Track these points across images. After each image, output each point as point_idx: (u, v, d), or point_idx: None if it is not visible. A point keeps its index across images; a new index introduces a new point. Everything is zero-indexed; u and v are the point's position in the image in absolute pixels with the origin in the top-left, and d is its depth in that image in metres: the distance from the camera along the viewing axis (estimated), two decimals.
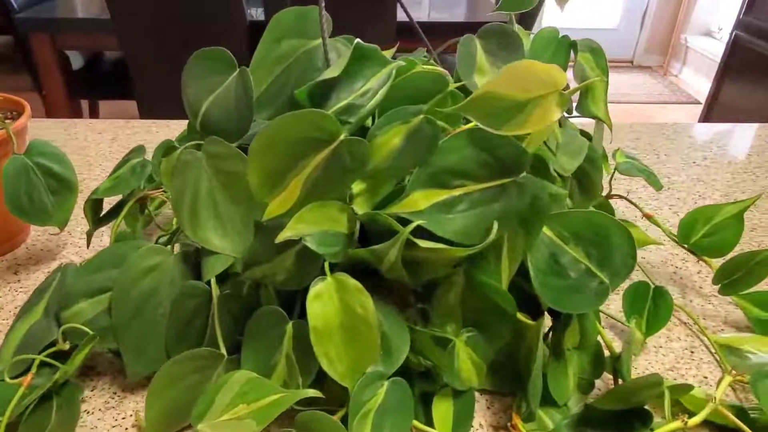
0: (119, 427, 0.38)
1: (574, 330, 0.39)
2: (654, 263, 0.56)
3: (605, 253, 0.37)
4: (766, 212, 0.65)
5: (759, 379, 0.37)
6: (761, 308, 0.47)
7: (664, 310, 0.45)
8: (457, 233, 0.33)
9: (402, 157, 0.33)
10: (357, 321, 0.32)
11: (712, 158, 0.78)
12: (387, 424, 0.32)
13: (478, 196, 0.34)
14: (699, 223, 0.50)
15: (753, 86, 2.45)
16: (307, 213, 0.33)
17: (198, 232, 0.38)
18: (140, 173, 0.45)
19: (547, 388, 0.39)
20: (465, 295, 0.38)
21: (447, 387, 0.38)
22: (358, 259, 0.34)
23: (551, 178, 0.43)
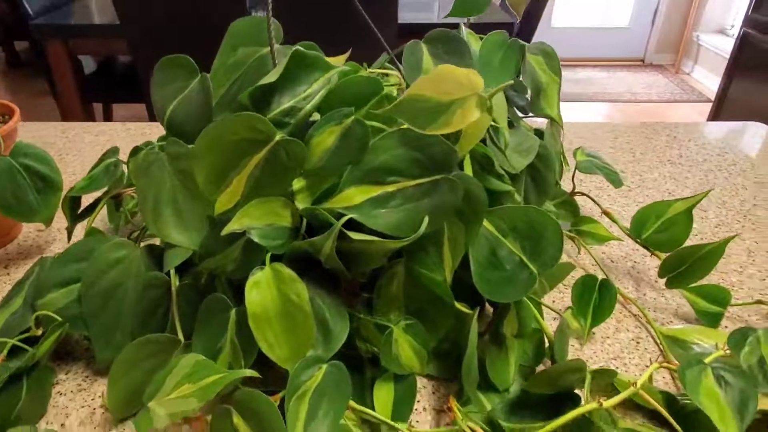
0: (88, 407, 0.41)
1: (512, 319, 0.41)
2: (614, 258, 0.58)
3: (538, 246, 0.39)
4: (732, 209, 0.66)
5: (686, 367, 0.39)
6: (708, 301, 0.49)
7: (608, 301, 0.47)
8: (391, 226, 0.36)
9: (336, 155, 0.35)
10: (293, 308, 0.34)
11: (688, 156, 0.79)
12: (323, 404, 0.35)
13: (411, 192, 0.36)
14: (651, 218, 0.52)
15: (762, 83, 2.43)
16: (251, 208, 0.36)
17: (160, 228, 0.41)
18: (113, 172, 0.48)
19: (492, 375, 0.41)
20: (406, 286, 0.40)
21: (390, 372, 0.40)
22: (300, 251, 0.36)
23: (497, 175, 0.45)
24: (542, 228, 0.39)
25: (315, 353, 0.36)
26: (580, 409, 0.34)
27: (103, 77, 2.27)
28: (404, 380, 0.40)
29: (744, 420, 0.36)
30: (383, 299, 0.40)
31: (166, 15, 1.61)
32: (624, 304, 0.51)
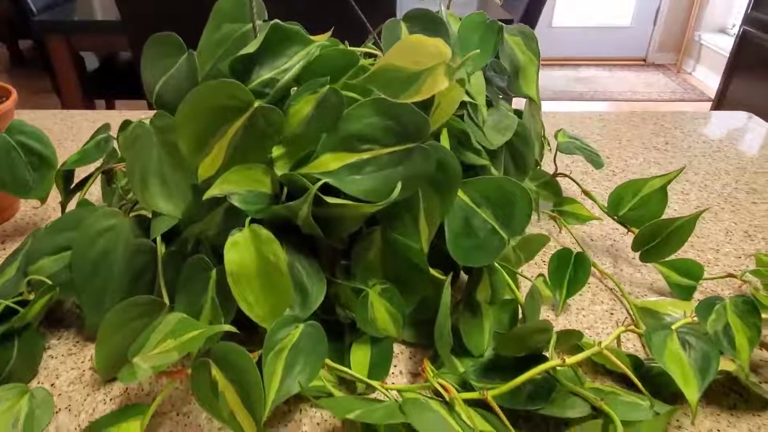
0: (78, 369, 0.43)
1: (486, 286, 0.43)
2: (594, 237, 0.59)
3: (510, 214, 0.41)
4: (713, 192, 0.68)
5: (652, 331, 0.40)
6: (680, 274, 0.50)
7: (582, 274, 0.48)
8: (365, 192, 0.37)
9: (312, 123, 0.37)
10: (270, 268, 0.36)
11: (673, 143, 0.80)
12: (300, 361, 0.36)
13: (385, 159, 0.38)
14: (627, 196, 0.53)
15: (762, 81, 2.43)
16: (232, 174, 0.37)
17: (147, 198, 0.42)
18: (104, 147, 0.49)
19: (466, 341, 0.43)
20: (384, 253, 0.42)
21: (366, 335, 0.42)
22: (279, 216, 0.38)
23: (474, 150, 0.47)
24: (513, 197, 0.41)
25: (293, 313, 0.38)
26: (543, 365, 0.36)
27: (105, 74, 2.29)
28: (380, 343, 0.42)
29: (705, 379, 0.37)
30: (361, 266, 0.42)
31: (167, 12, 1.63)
32: (600, 278, 0.53)
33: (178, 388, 0.41)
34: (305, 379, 0.36)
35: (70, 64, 2.05)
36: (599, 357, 0.41)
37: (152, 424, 0.38)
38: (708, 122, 0.87)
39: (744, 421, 0.39)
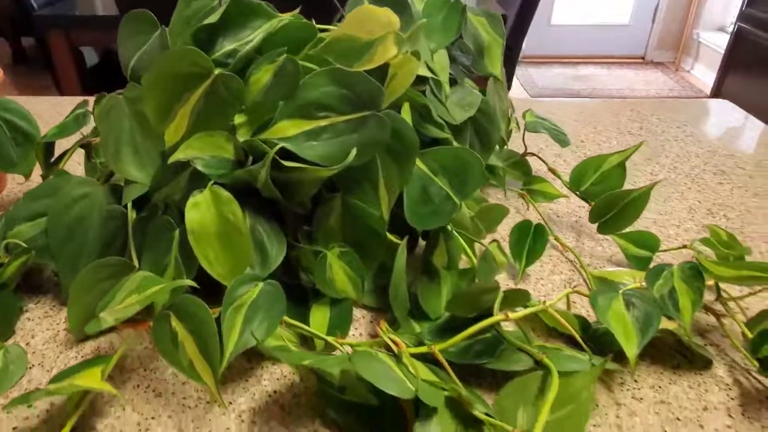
0: (52, 330, 0.45)
1: (442, 251, 0.45)
2: (560, 214, 0.61)
3: (463, 181, 0.43)
4: (682, 173, 0.69)
5: (599, 293, 0.42)
6: (637, 246, 0.52)
7: (540, 244, 0.50)
8: (322, 157, 0.39)
9: (271, 91, 0.39)
10: (229, 227, 0.38)
11: (648, 128, 0.82)
12: (258, 317, 0.38)
13: (341, 126, 0.40)
14: (589, 171, 0.55)
15: (756, 79, 2.44)
16: (196, 140, 0.39)
17: (119, 166, 0.44)
18: (82, 121, 0.52)
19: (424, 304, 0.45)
20: (344, 219, 0.44)
21: (326, 297, 0.44)
22: (240, 180, 0.40)
23: (435, 124, 0.49)
24: (467, 164, 0.43)
25: (252, 272, 0.40)
26: (488, 320, 0.38)
27: (105, 69, 2.32)
28: (340, 305, 0.44)
29: (645, 336, 0.39)
30: (322, 231, 0.44)
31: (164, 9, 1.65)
32: (562, 251, 0.55)
33: (147, 347, 0.43)
34: (263, 333, 0.38)
35: (70, 59, 2.08)
36: (548, 318, 0.43)
37: (120, 380, 0.40)
38: (685, 109, 0.89)
39: (685, 379, 0.41)
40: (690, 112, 0.88)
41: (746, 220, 0.59)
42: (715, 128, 0.82)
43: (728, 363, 0.42)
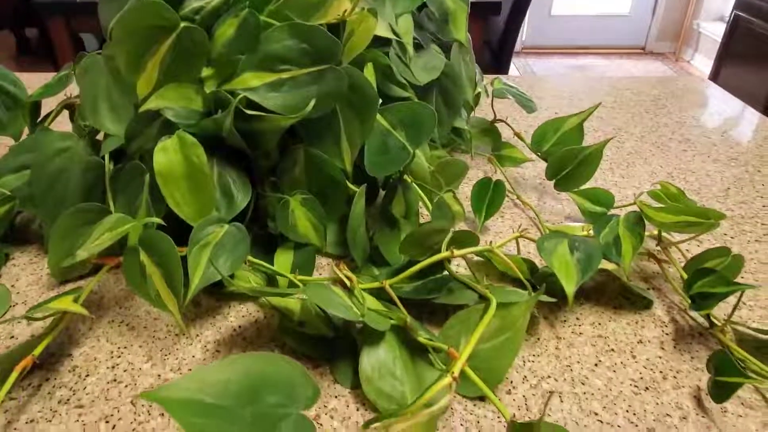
0: (36, 275, 0.48)
1: (400, 200, 0.47)
2: (526, 177, 0.64)
3: (418, 132, 0.45)
4: (648, 141, 0.72)
5: (545, 238, 0.44)
6: (592, 202, 0.54)
7: (498, 198, 0.52)
8: (283, 107, 0.42)
9: (235, 44, 0.41)
10: (195, 170, 0.41)
11: (622, 102, 0.84)
12: (223, 255, 0.41)
13: (301, 79, 0.42)
14: (549, 133, 0.58)
15: (753, 68, 2.45)
16: (166, 91, 0.42)
17: (97, 120, 0.47)
18: (65, 81, 0.54)
19: (384, 251, 0.47)
20: (308, 169, 0.47)
21: (290, 242, 0.47)
22: (208, 129, 0.43)
23: (399, 83, 0.51)
24: (422, 117, 0.45)
25: (218, 215, 0.42)
26: (435, 257, 0.40)
27: None
28: (303, 249, 0.46)
29: (585, 275, 0.41)
30: (287, 181, 0.47)
31: None
32: (523, 209, 0.57)
33: (122, 289, 0.46)
34: (227, 269, 0.40)
35: (70, 45, 2.11)
36: (496, 260, 0.45)
37: (97, 315, 0.43)
38: (660, 86, 0.91)
39: (624, 317, 0.43)
40: (665, 89, 0.90)
41: (704, 182, 0.62)
42: (688, 103, 0.84)
43: (667, 304, 0.45)
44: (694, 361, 0.39)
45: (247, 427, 0.27)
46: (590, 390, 0.37)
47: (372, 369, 0.36)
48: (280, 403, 0.29)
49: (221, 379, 0.29)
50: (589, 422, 0.35)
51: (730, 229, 0.54)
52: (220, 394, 0.28)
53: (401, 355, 0.37)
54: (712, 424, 0.35)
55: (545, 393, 0.37)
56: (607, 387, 0.37)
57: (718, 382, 0.35)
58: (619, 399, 0.36)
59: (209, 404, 0.28)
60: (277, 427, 0.28)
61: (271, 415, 0.28)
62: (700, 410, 0.36)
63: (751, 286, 0.38)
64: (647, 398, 0.37)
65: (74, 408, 0.36)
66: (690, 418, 0.35)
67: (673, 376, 0.38)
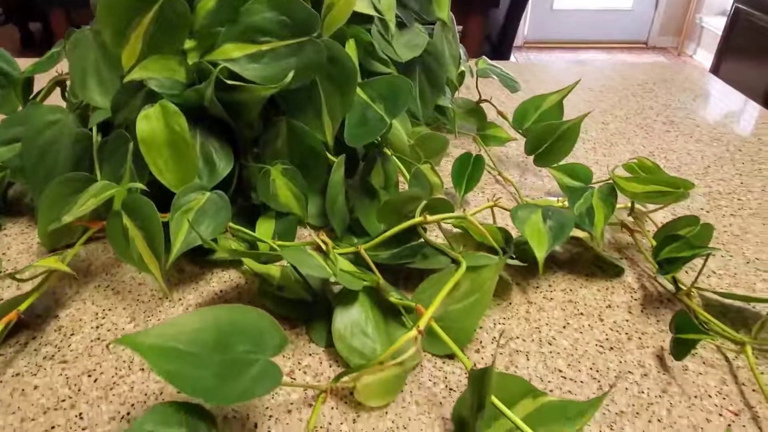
0: (26, 244, 0.49)
1: (379, 171, 0.49)
2: (509, 156, 0.65)
3: (395, 104, 0.47)
4: (632, 122, 0.72)
5: (519, 208, 0.46)
6: (571, 177, 0.55)
7: (478, 171, 0.54)
8: (264, 78, 0.43)
9: (216, 15, 0.43)
10: (176, 137, 0.42)
11: (609, 86, 0.85)
12: (204, 221, 0.42)
13: (281, 51, 0.44)
14: (530, 111, 0.59)
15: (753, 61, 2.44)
16: (150, 63, 0.44)
17: (85, 93, 0.49)
18: (56, 58, 0.56)
19: (363, 222, 0.49)
20: (290, 141, 0.48)
21: (272, 211, 0.48)
22: (191, 100, 0.44)
23: (380, 60, 0.52)
24: (399, 89, 0.47)
25: (200, 182, 0.44)
26: (409, 221, 0.42)
27: None
28: (284, 218, 0.48)
29: (556, 241, 0.42)
30: (269, 153, 0.48)
31: None
32: (505, 185, 0.58)
33: (109, 257, 0.48)
34: (208, 234, 0.42)
35: None
36: (471, 228, 0.47)
37: (84, 281, 0.45)
38: (649, 70, 0.92)
39: (595, 284, 0.44)
40: (654, 73, 0.91)
41: (684, 161, 0.63)
42: (675, 87, 0.85)
43: (638, 272, 0.46)
44: (660, 324, 0.40)
45: (217, 372, 0.29)
46: (556, 350, 0.38)
47: (344, 327, 0.38)
48: (249, 350, 0.30)
49: (194, 328, 0.30)
50: (552, 378, 0.36)
51: (707, 203, 0.55)
52: (192, 341, 0.30)
53: (373, 316, 0.39)
54: (672, 381, 0.36)
55: (513, 352, 0.38)
56: (573, 347, 0.39)
57: (678, 340, 0.36)
58: (583, 358, 0.38)
59: (181, 351, 0.29)
60: (245, 372, 0.29)
61: (240, 361, 0.29)
62: (661, 368, 0.37)
63: (714, 249, 0.39)
64: (611, 357, 0.38)
65: (58, 363, 0.37)
66: (651, 375, 0.36)
67: (638, 338, 0.39)
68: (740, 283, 0.44)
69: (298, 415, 0.34)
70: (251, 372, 0.29)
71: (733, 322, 0.40)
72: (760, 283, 0.44)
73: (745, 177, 0.59)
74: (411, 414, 0.34)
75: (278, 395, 0.35)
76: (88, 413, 0.34)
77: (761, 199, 0.55)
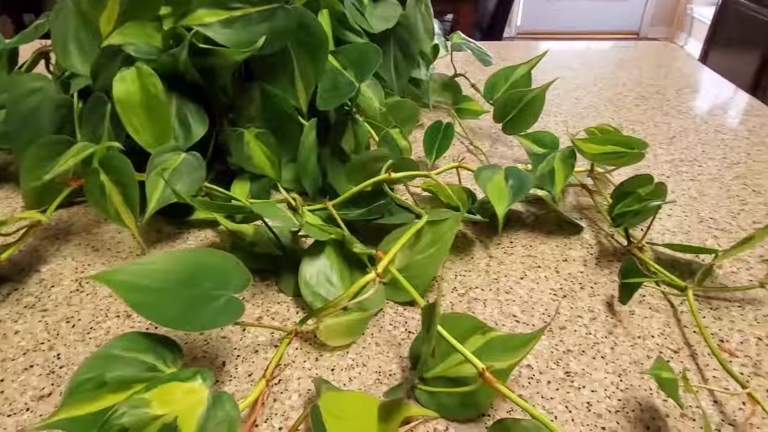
0: (11, 207, 0.51)
1: (350, 135, 0.51)
2: (482, 127, 0.67)
3: (364, 69, 0.49)
4: (605, 98, 0.74)
5: (483, 169, 0.48)
6: (538, 144, 0.57)
7: (447, 138, 0.55)
8: (236, 43, 0.45)
9: None
10: (152, 99, 0.44)
11: (587, 64, 0.87)
12: (180, 180, 0.44)
13: (253, 17, 0.45)
14: (500, 82, 0.61)
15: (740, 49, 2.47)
16: (127, 28, 0.45)
17: (66, 60, 0.50)
18: (41, 29, 0.57)
19: (334, 185, 0.51)
20: (264, 106, 0.50)
21: (246, 174, 0.50)
22: (166, 65, 0.46)
23: (354, 30, 0.54)
24: (368, 54, 0.49)
25: (176, 144, 0.46)
26: (374, 179, 0.44)
27: None
28: (259, 181, 0.50)
29: (516, 198, 0.44)
30: (244, 118, 0.50)
31: None
32: (476, 155, 0.60)
33: (90, 218, 0.50)
34: (184, 191, 0.44)
35: None
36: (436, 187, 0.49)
37: (65, 239, 0.47)
38: (627, 50, 0.94)
39: (554, 241, 0.47)
40: (632, 53, 0.93)
41: (650, 131, 0.65)
42: (652, 65, 0.87)
43: (596, 230, 0.48)
44: (612, 275, 0.43)
45: (183, 304, 0.31)
46: (513, 298, 0.40)
47: (310, 276, 0.40)
48: (214, 287, 0.32)
49: (163, 267, 0.32)
50: (507, 322, 0.38)
51: (669, 170, 0.57)
52: (161, 278, 0.32)
53: (339, 266, 0.41)
54: (618, 324, 0.38)
55: (471, 300, 0.40)
56: (529, 295, 0.41)
57: (624, 285, 0.38)
58: (537, 305, 0.40)
59: (150, 286, 0.31)
60: (210, 305, 0.31)
61: (206, 296, 0.31)
62: (609, 313, 0.39)
63: (663, 201, 0.41)
64: (563, 304, 0.40)
65: (39, 311, 0.39)
66: (599, 318, 0.39)
67: (591, 287, 0.41)
68: (693, 239, 0.47)
69: (264, 355, 0.36)
70: (216, 305, 0.31)
71: (682, 273, 0.43)
72: (711, 240, 0.46)
73: (707, 146, 0.61)
74: (371, 353, 0.36)
75: (246, 338, 0.37)
76: (65, 354, 0.36)
77: (720, 166, 0.57)
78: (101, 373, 0.27)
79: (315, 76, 0.49)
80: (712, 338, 0.37)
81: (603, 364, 0.35)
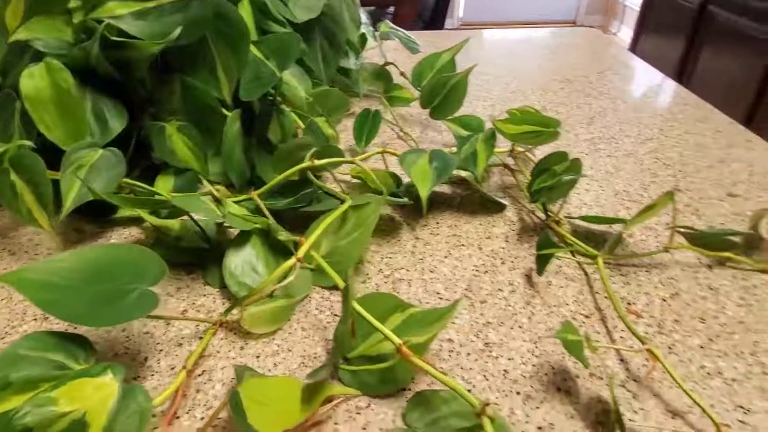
0: None
1: (276, 126, 0.51)
2: (413, 114, 0.68)
3: (286, 58, 0.49)
4: (534, 84, 0.77)
5: (407, 153, 0.48)
6: (465, 128, 0.59)
7: (376, 124, 0.56)
8: (150, 35, 0.44)
9: None
10: (63, 94, 0.43)
11: (515, 53, 0.89)
12: (98, 177, 0.43)
13: (167, 8, 0.45)
14: (426, 69, 0.62)
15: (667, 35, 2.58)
16: (34, 23, 0.44)
17: None
18: None
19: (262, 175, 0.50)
20: (185, 99, 0.49)
21: (171, 168, 0.49)
22: (78, 59, 0.45)
23: (276, 20, 0.54)
24: (289, 45, 0.49)
25: (92, 140, 0.44)
26: (297, 166, 0.44)
27: None
28: (183, 174, 0.49)
29: (439, 179, 0.45)
30: (165, 111, 0.49)
31: None
32: (406, 141, 0.61)
33: (5, 221, 0.48)
34: (101, 188, 0.43)
35: None
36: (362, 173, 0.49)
37: None
38: (552, 38, 0.97)
39: (478, 220, 0.48)
40: (558, 40, 0.96)
41: (572, 113, 0.67)
42: (577, 51, 0.90)
43: (518, 208, 0.50)
44: (531, 249, 0.44)
45: (92, 299, 0.30)
46: (437, 276, 0.42)
47: (235, 266, 0.40)
48: (128, 281, 0.32)
49: (72, 265, 0.32)
50: (430, 299, 0.39)
51: (587, 148, 0.60)
52: (70, 276, 0.31)
53: (264, 255, 0.41)
54: (536, 294, 0.40)
55: (396, 280, 0.41)
56: (452, 273, 0.42)
57: (539, 256, 0.40)
58: (460, 281, 0.41)
59: (58, 284, 0.30)
60: (123, 299, 0.31)
61: (118, 291, 0.31)
62: (528, 285, 0.41)
63: (577, 176, 0.43)
64: (485, 279, 0.41)
65: None
66: (518, 291, 0.40)
67: (511, 261, 0.43)
68: (607, 212, 0.49)
69: (188, 348, 0.36)
70: (129, 299, 0.31)
71: (597, 244, 0.45)
72: (623, 211, 0.49)
73: (625, 125, 0.64)
74: (296, 338, 0.36)
75: (170, 332, 0.37)
76: None
77: (636, 142, 0.60)
78: (6, 374, 0.27)
79: (237, 67, 0.49)
80: (620, 302, 0.39)
81: (520, 333, 0.36)
